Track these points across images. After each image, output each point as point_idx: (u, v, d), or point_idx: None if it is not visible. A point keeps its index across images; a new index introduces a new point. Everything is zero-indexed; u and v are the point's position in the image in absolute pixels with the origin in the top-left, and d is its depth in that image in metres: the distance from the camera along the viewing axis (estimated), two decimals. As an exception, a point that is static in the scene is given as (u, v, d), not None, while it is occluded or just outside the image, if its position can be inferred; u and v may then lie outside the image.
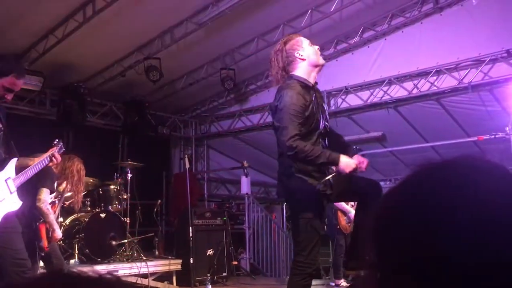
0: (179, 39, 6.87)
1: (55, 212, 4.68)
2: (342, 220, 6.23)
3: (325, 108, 3.36)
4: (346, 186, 3.30)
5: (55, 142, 3.98)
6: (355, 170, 3.00)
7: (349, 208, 6.31)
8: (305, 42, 3.32)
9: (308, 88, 3.17)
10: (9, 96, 3.28)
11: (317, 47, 3.39)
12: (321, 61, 3.33)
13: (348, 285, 6.22)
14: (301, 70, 3.22)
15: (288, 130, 2.96)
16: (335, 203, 6.16)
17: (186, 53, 7.55)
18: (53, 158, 3.81)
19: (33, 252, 4.09)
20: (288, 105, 3.00)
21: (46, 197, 4.35)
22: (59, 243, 5.87)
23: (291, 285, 3.18)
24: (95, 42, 6.76)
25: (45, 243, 4.34)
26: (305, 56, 3.23)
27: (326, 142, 3.25)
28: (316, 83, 3.29)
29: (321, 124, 3.18)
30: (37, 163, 3.64)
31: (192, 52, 7.59)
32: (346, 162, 2.98)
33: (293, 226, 3.16)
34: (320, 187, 3.03)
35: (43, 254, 4.37)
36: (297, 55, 3.22)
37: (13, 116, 7.49)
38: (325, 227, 6.38)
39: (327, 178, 3.05)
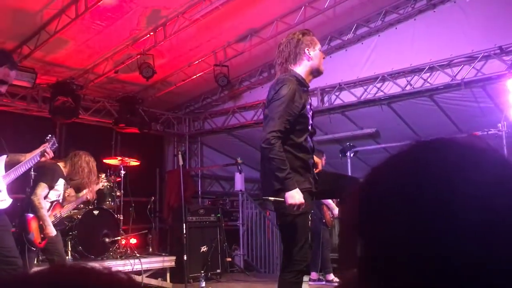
0: (172, 35, 6.84)
1: (60, 212, 4.67)
2: (327, 214, 6.28)
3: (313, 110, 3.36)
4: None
5: (48, 138, 3.96)
6: (294, 206, 2.87)
7: (334, 204, 6.36)
8: (318, 45, 3.27)
9: (304, 88, 3.17)
10: (3, 88, 3.26)
11: (324, 56, 3.37)
12: (322, 69, 3.30)
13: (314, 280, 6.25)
14: (303, 69, 3.19)
15: (274, 123, 2.94)
16: (323, 201, 6.20)
17: (179, 49, 7.52)
18: (45, 154, 3.79)
19: (21, 244, 4.07)
20: (284, 99, 2.96)
21: (41, 192, 4.34)
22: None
23: (283, 283, 3.10)
24: (87, 38, 6.72)
25: (36, 238, 4.31)
26: (313, 56, 3.18)
27: (312, 143, 3.24)
28: (309, 86, 3.29)
29: (310, 124, 3.18)
30: (29, 159, 3.62)
31: (185, 49, 7.56)
32: (292, 196, 2.87)
33: (281, 224, 3.12)
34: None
35: (34, 248, 4.34)
36: (306, 51, 3.17)
37: (5, 113, 7.45)
38: (310, 222, 6.42)
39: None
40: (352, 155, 7.61)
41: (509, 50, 6.43)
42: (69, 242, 6.00)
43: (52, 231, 4.37)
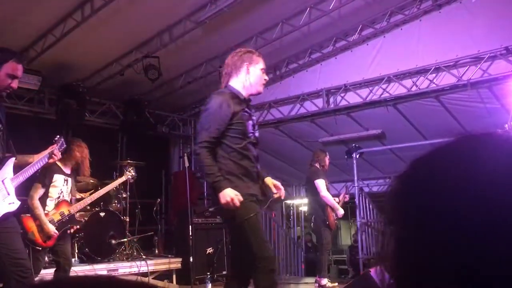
0: (178, 37, 6.86)
1: (69, 211, 4.66)
2: (331, 216, 6.24)
3: (255, 122, 3.46)
4: None
5: (56, 139, 3.97)
6: (229, 204, 2.97)
7: (337, 205, 6.33)
8: (261, 65, 3.43)
9: (239, 99, 3.30)
10: (14, 84, 3.28)
11: (266, 78, 3.51)
12: (259, 89, 3.44)
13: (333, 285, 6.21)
14: (240, 82, 3.36)
15: (202, 134, 3.14)
16: (325, 200, 6.18)
17: (184, 51, 7.54)
18: (52, 155, 3.81)
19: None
20: (211, 111, 3.18)
21: (33, 192, 4.36)
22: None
23: (258, 277, 3.10)
24: (94, 41, 6.75)
25: (37, 237, 4.33)
26: (251, 72, 3.35)
27: (255, 152, 3.35)
28: (249, 99, 3.43)
29: (251, 134, 3.30)
30: (37, 161, 3.64)
31: (191, 51, 7.58)
32: (224, 195, 2.98)
33: (235, 230, 3.17)
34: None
35: (40, 248, 4.36)
36: (246, 66, 3.34)
37: (12, 115, 7.47)
38: (312, 224, 6.40)
39: (211, 208, 3.07)
40: (357, 156, 7.61)
41: (515, 51, 6.40)
42: (75, 244, 6.03)
43: (50, 229, 4.37)
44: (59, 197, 4.64)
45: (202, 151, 3.09)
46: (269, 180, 3.43)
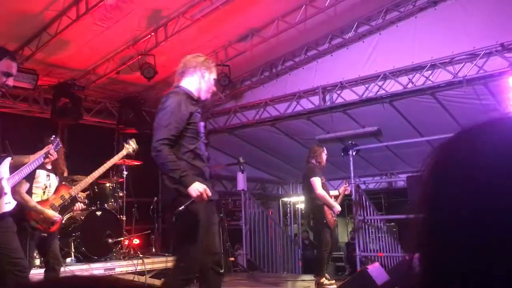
0: (173, 35, 6.83)
1: (69, 193, 4.59)
2: (329, 214, 6.23)
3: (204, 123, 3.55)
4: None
5: (52, 139, 3.95)
6: (201, 196, 3.01)
7: (333, 202, 6.32)
8: (215, 75, 3.53)
9: (193, 99, 3.37)
10: (10, 81, 3.26)
11: (214, 89, 3.57)
12: (205, 97, 3.50)
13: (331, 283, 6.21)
14: (192, 84, 3.43)
15: (161, 132, 3.14)
16: (320, 198, 6.17)
17: (180, 49, 7.51)
18: (49, 155, 3.80)
19: (23, 231, 4.03)
20: (170, 109, 3.19)
21: (20, 187, 4.26)
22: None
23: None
24: (89, 39, 6.72)
25: (40, 225, 4.30)
26: (206, 78, 3.45)
27: (206, 153, 3.43)
28: (202, 100, 3.50)
29: (202, 134, 3.37)
30: (33, 161, 3.62)
31: (186, 48, 7.53)
32: (194, 189, 3.01)
33: (179, 231, 3.19)
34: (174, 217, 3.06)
35: (46, 234, 4.31)
36: (203, 71, 3.43)
37: (7, 114, 7.45)
38: (311, 222, 6.39)
39: (182, 206, 3.02)
40: (354, 153, 7.60)
41: (511, 47, 6.42)
42: (72, 243, 6.01)
43: (51, 215, 4.30)
44: (44, 192, 4.58)
45: (163, 148, 3.09)
46: None
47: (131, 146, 5.56)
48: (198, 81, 3.43)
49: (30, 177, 4.40)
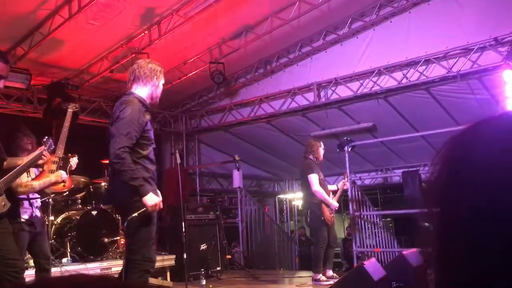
0: (166, 33, 6.81)
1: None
2: (326, 211, 6.23)
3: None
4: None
5: (44, 140, 3.93)
6: (155, 207, 3.33)
7: (331, 200, 6.33)
8: (163, 81, 3.69)
9: (145, 106, 3.54)
10: (1, 83, 3.24)
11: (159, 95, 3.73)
12: (155, 103, 3.75)
13: (329, 278, 6.21)
14: (146, 91, 3.58)
15: (121, 139, 3.28)
16: (317, 195, 6.16)
17: (174, 47, 7.50)
18: (42, 156, 3.77)
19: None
20: (130, 118, 3.32)
21: (20, 181, 4.18)
22: (51, 241, 5.83)
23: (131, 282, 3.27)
24: (82, 38, 6.69)
25: (55, 188, 4.28)
26: (158, 85, 3.62)
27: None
28: (150, 107, 3.71)
29: (153, 140, 3.61)
30: (26, 162, 3.61)
31: (180, 46, 7.54)
32: (151, 199, 3.28)
33: (130, 226, 3.36)
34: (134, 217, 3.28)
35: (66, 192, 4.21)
36: (155, 79, 3.58)
37: (0, 115, 7.42)
38: (308, 219, 6.39)
39: (135, 214, 3.26)
40: (349, 149, 7.61)
41: (504, 41, 6.43)
42: (68, 243, 5.98)
43: (57, 176, 4.16)
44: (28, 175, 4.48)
45: (126, 156, 3.25)
46: None
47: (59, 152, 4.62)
48: (151, 89, 3.58)
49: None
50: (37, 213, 4.36)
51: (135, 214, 3.25)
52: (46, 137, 3.98)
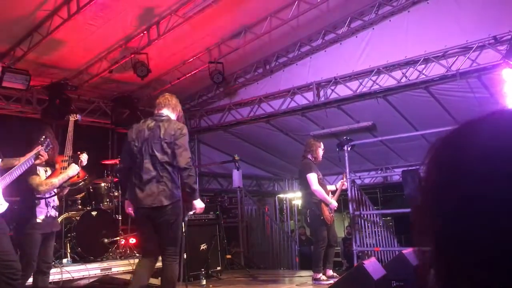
0: (165, 33, 6.80)
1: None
2: (326, 210, 6.22)
3: None
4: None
5: (41, 140, 3.93)
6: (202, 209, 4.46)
7: (330, 199, 6.32)
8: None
9: None
10: None
11: None
12: None
13: (329, 278, 6.21)
14: (173, 117, 4.49)
15: (188, 151, 4.13)
16: (316, 194, 6.16)
17: (173, 47, 7.49)
18: (39, 156, 3.78)
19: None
20: (187, 137, 4.20)
21: (33, 180, 4.18)
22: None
23: (175, 272, 4.24)
24: (81, 39, 6.68)
25: (72, 179, 4.52)
26: (181, 113, 4.79)
27: None
28: None
29: None
30: (23, 162, 3.60)
31: (179, 47, 7.53)
32: (200, 202, 4.34)
33: (174, 225, 4.15)
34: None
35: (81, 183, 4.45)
36: (181, 112, 4.71)
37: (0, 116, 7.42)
38: (308, 219, 6.39)
39: (190, 212, 4.56)
40: (349, 148, 7.60)
41: (503, 40, 6.43)
42: (68, 244, 5.98)
43: (74, 170, 4.31)
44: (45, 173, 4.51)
45: (192, 164, 4.07)
46: None
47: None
48: (178, 114, 4.56)
49: (36, 171, 4.32)
50: (52, 213, 4.35)
51: (191, 212, 4.28)
52: (44, 136, 3.98)
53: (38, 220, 4.12)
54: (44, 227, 4.20)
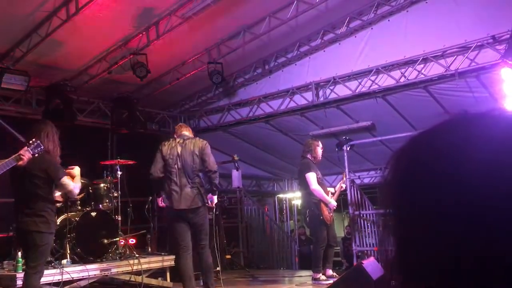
0: (164, 34, 6.81)
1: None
2: (325, 210, 6.23)
3: None
4: None
5: (31, 142, 3.91)
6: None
7: (329, 198, 6.33)
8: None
9: None
10: None
11: None
12: None
13: (329, 277, 6.21)
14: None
15: (214, 159, 5.30)
16: (315, 194, 6.16)
17: (172, 48, 7.50)
18: (21, 157, 3.78)
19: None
20: (210, 148, 5.37)
21: (65, 175, 4.23)
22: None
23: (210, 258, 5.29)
24: (80, 39, 6.69)
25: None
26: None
27: None
28: None
29: None
30: (3, 163, 3.64)
31: (178, 47, 7.54)
32: (216, 198, 5.52)
33: (207, 221, 5.29)
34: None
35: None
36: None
37: (-1, 117, 7.42)
38: (307, 219, 6.40)
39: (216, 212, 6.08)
40: (348, 148, 7.62)
41: (502, 39, 6.44)
42: (67, 245, 5.98)
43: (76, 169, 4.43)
44: None
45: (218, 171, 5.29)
46: None
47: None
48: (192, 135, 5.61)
49: None
50: None
51: (217, 212, 5.47)
52: (34, 139, 3.96)
53: None
54: None
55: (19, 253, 4.99)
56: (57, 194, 4.51)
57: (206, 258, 5.18)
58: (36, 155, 3.92)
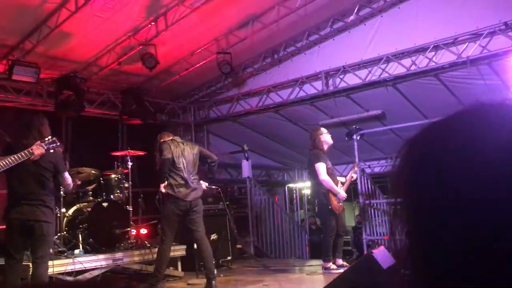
0: (173, 24, 6.79)
1: None
2: (334, 200, 6.22)
3: None
4: None
5: (47, 138, 4.05)
6: None
7: (338, 189, 6.32)
8: None
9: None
10: None
11: None
12: None
13: (339, 267, 6.22)
14: None
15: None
16: (324, 184, 6.15)
17: (181, 38, 7.48)
18: (33, 152, 3.88)
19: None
20: None
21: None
22: (63, 233, 5.90)
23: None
24: (88, 31, 6.70)
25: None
26: None
27: None
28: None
29: None
30: (14, 158, 3.72)
31: (187, 37, 7.52)
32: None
33: (201, 212, 5.72)
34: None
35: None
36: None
37: (10, 108, 7.49)
38: (316, 208, 6.41)
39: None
40: (358, 137, 7.57)
41: (514, 26, 6.33)
42: (80, 235, 6.05)
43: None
44: None
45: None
46: None
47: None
48: None
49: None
50: None
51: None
52: (50, 136, 4.11)
53: None
54: None
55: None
56: None
57: (207, 246, 5.62)
58: (51, 150, 4.03)
